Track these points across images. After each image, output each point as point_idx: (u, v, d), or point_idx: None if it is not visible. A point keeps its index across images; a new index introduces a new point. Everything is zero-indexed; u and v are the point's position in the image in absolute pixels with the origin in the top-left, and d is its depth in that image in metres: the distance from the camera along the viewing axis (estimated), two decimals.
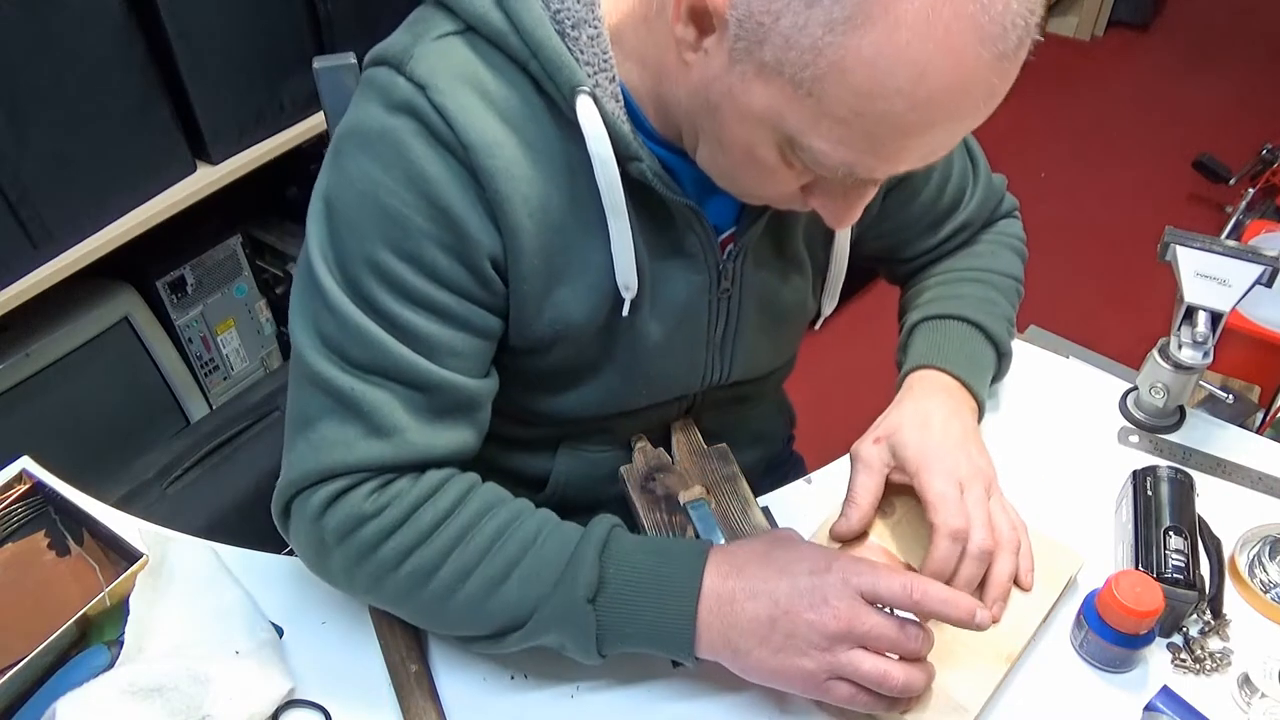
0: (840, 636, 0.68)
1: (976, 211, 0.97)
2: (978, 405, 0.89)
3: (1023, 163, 0.95)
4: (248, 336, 1.85)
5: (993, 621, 0.77)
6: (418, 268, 0.69)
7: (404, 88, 0.67)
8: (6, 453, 0.88)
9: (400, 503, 0.71)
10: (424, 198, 0.68)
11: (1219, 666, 0.78)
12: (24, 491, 0.85)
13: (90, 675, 0.71)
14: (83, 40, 1.30)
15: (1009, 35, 0.55)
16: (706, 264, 0.79)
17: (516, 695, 0.77)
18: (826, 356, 2.03)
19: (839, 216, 0.69)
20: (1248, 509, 0.88)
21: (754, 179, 0.68)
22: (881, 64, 0.55)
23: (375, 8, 1.59)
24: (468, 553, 0.71)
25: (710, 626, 0.70)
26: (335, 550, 0.72)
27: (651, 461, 0.88)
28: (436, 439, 0.73)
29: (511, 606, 0.71)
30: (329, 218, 0.71)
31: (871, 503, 0.82)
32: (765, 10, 0.56)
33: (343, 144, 0.71)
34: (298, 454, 0.72)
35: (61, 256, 1.39)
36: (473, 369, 0.74)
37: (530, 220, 0.70)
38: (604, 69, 0.68)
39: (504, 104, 0.68)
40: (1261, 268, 0.87)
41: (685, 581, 0.71)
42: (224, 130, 1.51)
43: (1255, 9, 3.42)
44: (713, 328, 0.84)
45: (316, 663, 0.79)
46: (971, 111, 0.59)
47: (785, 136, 0.61)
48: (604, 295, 0.76)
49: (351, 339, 0.70)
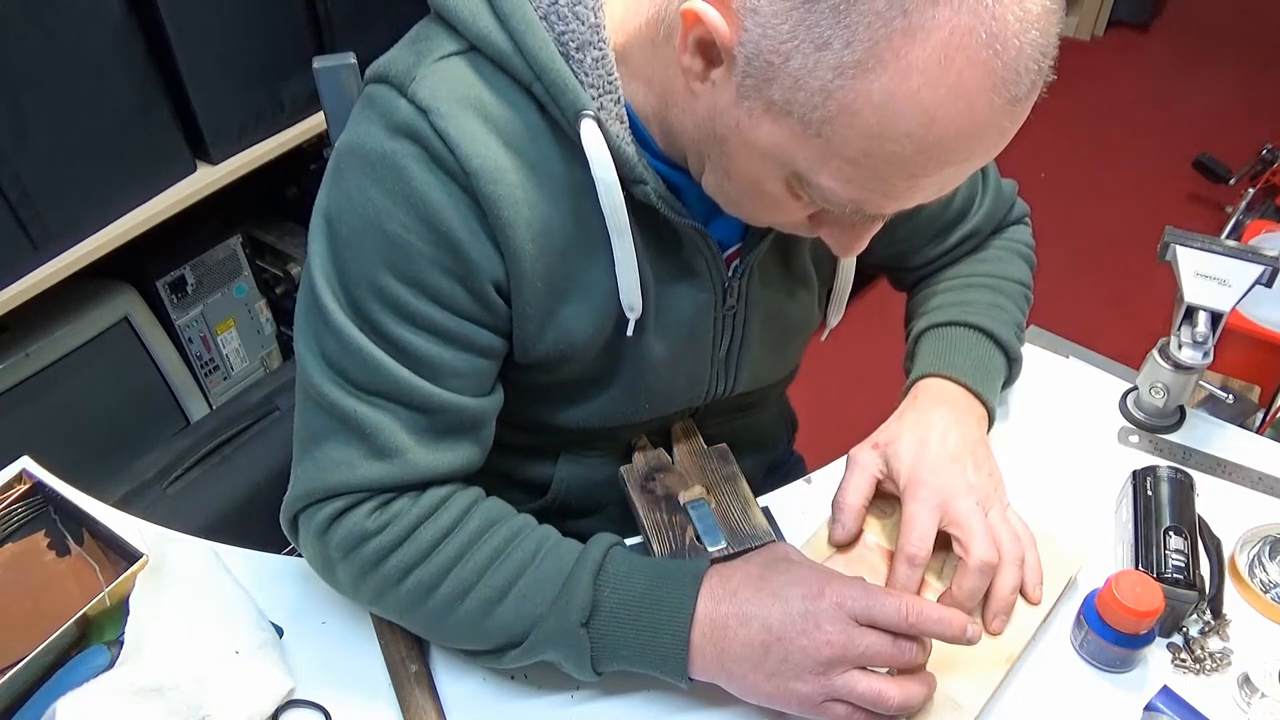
0: (834, 661, 0.68)
1: (985, 219, 0.96)
2: (988, 412, 0.88)
3: (1023, 163, 0.96)
4: (248, 336, 1.85)
5: (994, 634, 0.77)
6: (420, 291, 0.69)
7: (406, 110, 0.66)
8: (6, 453, 0.88)
9: (401, 521, 0.72)
10: (426, 223, 0.67)
11: (1219, 666, 0.78)
12: (24, 491, 0.85)
13: (90, 675, 0.71)
14: (83, 40, 1.30)
15: (1022, 80, 0.55)
16: (712, 282, 0.79)
17: (516, 695, 0.77)
18: (827, 359, 2.02)
19: (846, 246, 0.69)
20: (1248, 509, 0.88)
21: (761, 208, 0.68)
22: (892, 108, 0.54)
23: (375, 8, 1.58)
24: (466, 571, 0.72)
25: (704, 651, 0.70)
26: (339, 565, 0.73)
27: (651, 461, 0.88)
28: (439, 459, 0.73)
29: (509, 625, 0.72)
30: (330, 238, 0.70)
31: (859, 502, 0.82)
32: (774, 50, 0.55)
33: (344, 162, 0.70)
34: (303, 471, 0.73)
35: (61, 256, 1.39)
36: (475, 388, 0.74)
37: (533, 244, 0.69)
38: (609, 91, 0.67)
39: (507, 127, 0.67)
40: (1261, 268, 0.87)
41: (678, 607, 0.71)
42: (224, 130, 1.51)
43: (1255, 9, 3.42)
44: (718, 344, 0.84)
45: (316, 663, 0.79)
46: (982, 154, 0.59)
47: (793, 172, 0.61)
48: (608, 315, 0.75)
49: (353, 361, 0.70)
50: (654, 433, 0.91)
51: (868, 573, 0.80)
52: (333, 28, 1.55)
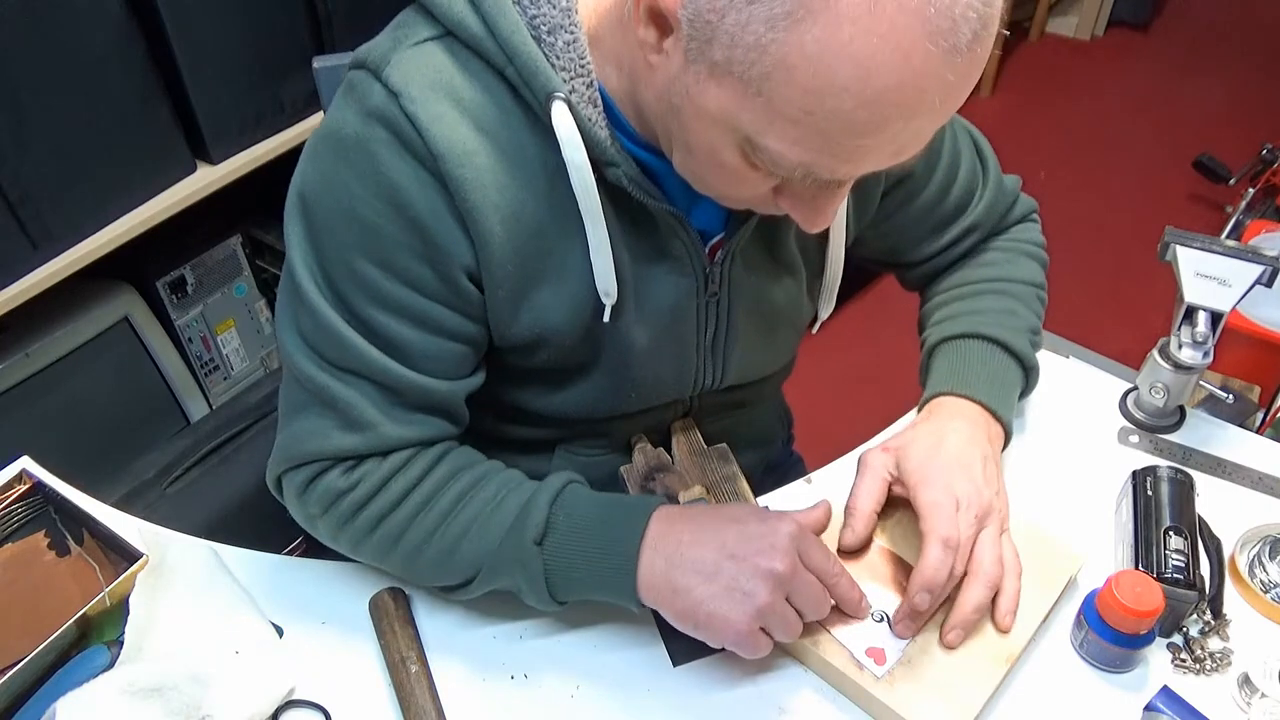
0: (781, 583, 0.71)
1: (985, 214, 0.95)
2: (1003, 428, 0.86)
3: (1023, 163, 0.96)
4: (248, 336, 1.85)
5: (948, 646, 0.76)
6: (391, 274, 0.71)
7: (378, 94, 0.68)
8: (6, 453, 0.88)
9: (370, 478, 0.75)
10: (395, 208, 0.69)
11: (1219, 666, 0.78)
12: (24, 491, 0.85)
13: (90, 675, 0.71)
14: (83, 40, 1.30)
15: (960, 30, 0.54)
16: (693, 268, 0.79)
17: (516, 695, 0.77)
18: (826, 358, 2.03)
19: (809, 220, 0.68)
20: (1248, 509, 0.88)
21: (723, 182, 0.68)
22: (826, 60, 0.54)
23: (375, 8, 1.58)
24: (432, 515, 0.75)
25: (653, 565, 0.72)
26: (319, 520, 0.78)
27: (651, 461, 0.88)
28: (408, 432, 0.76)
29: (473, 556, 0.75)
30: (307, 220, 0.73)
31: (871, 506, 0.81)
32: (711, 8, 0.56)
33: (321, 145, 0.72)
34: (283, 438, 0.77)
35: (61, 256, 1.39)
36: (447, 371, 0.76)
37: (502, 227, 0.70)
38: (581, 74, 0.68)
39: (479, 111, 0.69)
40: (1261, 268, 0.87)
41: (631, 522, 0.74)
42: (224, 130, 1.51)
43: (1255, 9, 3.42)
44: (703, 332, 0.84)
45: (316, 663, 0.79)
46: (928, 109, 0.57)
47: (744, 137, 0.60)
48: (584, 300, 0.76)
49: (327, 339, 0.73)
50: (651, 430, 0.91)
51: (867, 572, 0.80)
52: (333, 28, 1.55)
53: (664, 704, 0.76)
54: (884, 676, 0.74)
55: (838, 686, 0.76)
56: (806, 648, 0.76)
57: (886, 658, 0.75)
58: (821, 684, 0.77)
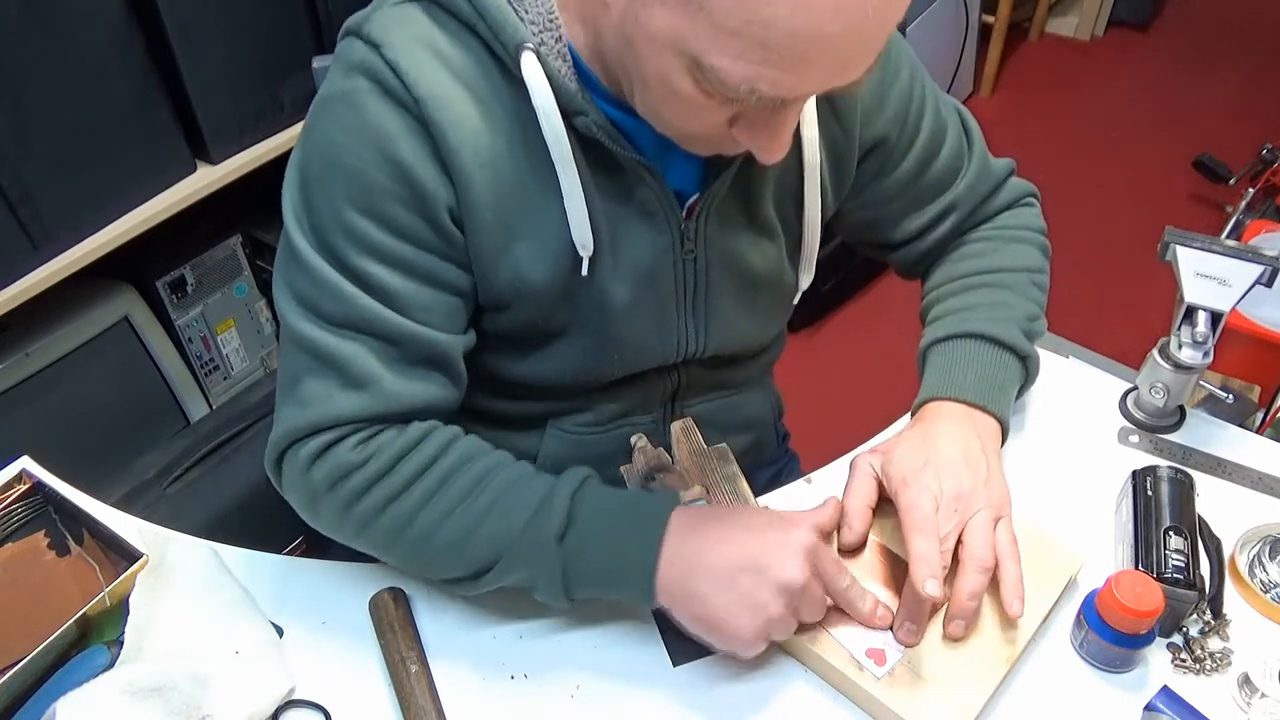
0: (796, 595, 0.71)
1: (966, 193, 0.95)
2: (999, 423, 0.86)
3: (1022, 163, 0.95)
4: (248, 336, 1.86)
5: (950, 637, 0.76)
6: (381, 224, 0.72)
7: (360, 49, 0.71)
8: (6, 453, 0.88)
9: (384, 453, 0.75)
10: (380, 154, 0.71)
11: (1219, 666, 0.78)
12: (24, 491, 0.85)
13: (90, 675, 0.71)
14: (83, 40, 1.30)
15: None
16: (669, 224, 0.80)
17: (516, 695, 0.77)
18: (826, 358, 2.03)
19: (766, 148, 0.68)
20: (1248, 509, 0.88)
21: (679, 114, 0.68)
22: None
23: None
24: (445, 500, 0.74)
25: (673, 564, 0.73)
26: (324, 499, 0.76)
27: (651, 461, 0.88)
28: (412, 389, 0.76)
29: (486, 548, 0.74)
30: (301, 183, 0.75)
31: (863, 504, 0.81)
32: None
33: (311, 116, 0.75)
34: (286, 411, 0.76)
35: (61, 256, 1.39)
36: (443, 323, 0.76)
37: (481, 172, 0.72)
38: (549, 29, 0.71)
39: (457, 63, 0.71)
40: (1261, 268, 0.87)
41: (650, 524, 0.74)
42: (224, 130, 1.51)
43: (1255, 9, 3.42)
44: (682, 291, 0.84)
45: (316, 663, 0.79)
46: (860, 16, 0.56)
47: (692, 59, 0.61)
48: (562, 254, 0.77)
49: (324, 295, 0.74)
50: (637, 411, 0.91)
51: (866, 572, 0.80)
52: (333, 28, 1.56)
53: (664, 704, 0.76)
54: (884, 677, 0.74)
55: (838, 686, 0.77)
56: (806, 647, 0.76)
57: (887, 658, 0.75)
58: (821, 684, 0.77)
